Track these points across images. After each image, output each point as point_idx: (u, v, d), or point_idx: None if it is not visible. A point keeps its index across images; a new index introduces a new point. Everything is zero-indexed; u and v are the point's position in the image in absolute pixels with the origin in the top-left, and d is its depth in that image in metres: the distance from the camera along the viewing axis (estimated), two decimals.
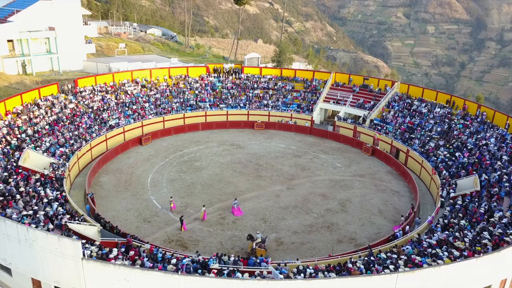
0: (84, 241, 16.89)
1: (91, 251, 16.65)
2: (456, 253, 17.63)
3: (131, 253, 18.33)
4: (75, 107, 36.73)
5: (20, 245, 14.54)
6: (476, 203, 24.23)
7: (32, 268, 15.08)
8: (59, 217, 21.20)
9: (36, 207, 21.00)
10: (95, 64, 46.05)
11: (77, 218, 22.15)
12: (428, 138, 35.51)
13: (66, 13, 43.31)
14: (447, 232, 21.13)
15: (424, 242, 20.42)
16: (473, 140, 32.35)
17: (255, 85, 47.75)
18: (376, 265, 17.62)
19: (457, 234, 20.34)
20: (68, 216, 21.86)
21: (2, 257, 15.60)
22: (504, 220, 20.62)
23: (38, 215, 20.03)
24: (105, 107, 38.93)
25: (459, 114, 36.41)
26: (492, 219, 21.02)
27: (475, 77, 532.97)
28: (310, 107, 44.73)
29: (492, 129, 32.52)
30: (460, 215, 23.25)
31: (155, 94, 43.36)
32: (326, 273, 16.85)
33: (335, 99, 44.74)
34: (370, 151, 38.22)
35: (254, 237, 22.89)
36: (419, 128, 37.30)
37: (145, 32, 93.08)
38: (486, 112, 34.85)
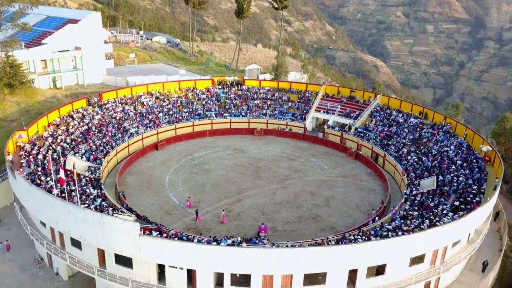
0: None
1: None
2: (400, 233, 24.49)
3: (164, 235, 25.12)
4: (101, 118, 43.54)
5: (94, 226, 21.35)
6: (430, 199, 31.14)
7: (100, 241, 21.91)
8: (104, 210, 27.98)
9: (87, 202, 27.81)
10: (114, 78, 52.81)
11: (116, 211, 28.91)
12: (402, 145, 42.37)
13: (90, 33, 50.05)
14: (402, 221, 28.01)
15: (384, 228, 27.25)
16: (437, 147, 39.23)
17: (255, 96, 54.58)
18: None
19: (407, 221, 27.23)
20: (111, 208, 28.66)
21: (79, 234, 22.41)
22: (445, 212, 27.52)
23: (91, 208, 26.83)
24: (125, 117, 45.72)
25: (429, 124, 43.29)
26: (436, 211, 27.92)
27: (473, 76, 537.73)
28: (303, 116, 51.56)
29: (453, 138, 39.42)
30: (416, 208, 30.14)
31: (167, 105, 50.15)
32: None
33: (325, 109, 51.57)
34: (354, 155, 45.08)
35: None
36: (395, 136, 44.15)
37: (151, 40, 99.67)
38: (451, 123, 41.71)
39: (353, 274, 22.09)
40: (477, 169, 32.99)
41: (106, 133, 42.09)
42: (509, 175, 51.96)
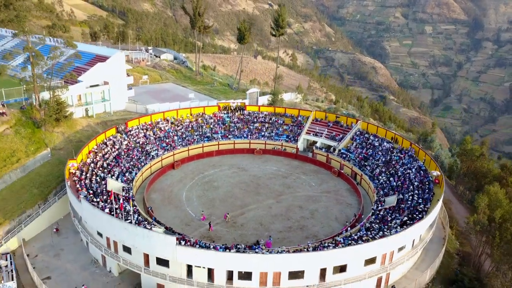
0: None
1: None
2: (360, 242, 34.18)
3: (188, 243, 34.79)
4: (128, 143, 53.25)
5: (143, 238, 31.10)
6: (390, 214, 40.86)
7: (146, 249, 31.65)
8: (141, 223, 37.65)
9: (129, 218, 37.47)
10: (135, 105, 62.51)
11: (149, 224, 38.57)
12: (375, 166, 52.09)
13: (115, 69, 59.70)
14: (365, 232, 37.71)
15: (351, 237, 36.93)
16: (402, 169, 48.95)
17: (255, 120, 64.31)
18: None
19: (369, 232, 36.96)
20: (146, 222, 38.36)
21: (131, 243, 32.16)
22: (396, 225, 37.24)
23: (131, 222, 36.51)
24: (147, 142, 55.43)
25: (398, 149, 53.01)
26: (390, 224, 37.66)
27: (471, 77, 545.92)
28: (296, 138, 61.27)
29: (415, 162, 49.14)
30: (378, 221, 39.87)
31: (181, 129, 59.87)
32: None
33: (314, 132, 61.28)
34: (337, 173, 54.80)
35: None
36: (371, 158, 53.86)
37: (159, 57, 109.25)
38: (415, 149, 51.39)
39: (323, 271, 31.83)
40: (427, 190, 42.72)
41: (133, 156, 51.79)
42: (469, 187, 61.94)
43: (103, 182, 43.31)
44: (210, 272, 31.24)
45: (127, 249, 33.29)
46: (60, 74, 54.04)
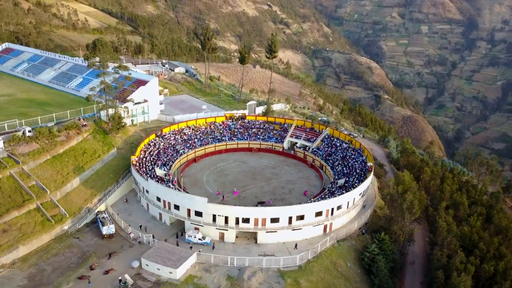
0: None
1: None
2: (312, 201, 59.12)
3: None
4: (164, 144, 78.20)
5: (188, 200, 56.07)
6: (337, 190, 65.86)
7: (189, 206, 56.62)
8: None
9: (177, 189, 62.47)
10: (165, 116, 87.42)
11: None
12: (335, 160, 77.04)
13: (152, 90, 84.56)
14: (321, 200, 62.69)
15: (311, 201, 61.80)
16: (352, 161, 73.96)
17: (253, 126, 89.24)
18: None
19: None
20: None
21: (180, 203, 57.09)
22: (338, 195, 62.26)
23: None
24: (176, 143, 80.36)
25: (352, 148, 77.99)
26: (335, 195, 62.72)
27: (465, 76, 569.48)
28: (282, 140, 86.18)
29: (361, 157, 74.15)
30: (329, 194, 64.86)
31: (199, 134, 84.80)
32: None
33: (296, 135, 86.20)
34: (310, 165, 79.76)
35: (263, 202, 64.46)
36: (333, 154, 78.82)
37: (173, 71, 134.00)
38: (363, 148, 76.30)
39: (290, 218, 56.80)
40: (363, 175, 67.71)
41: (168, 153, 76.76)
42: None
43: (153, 170, 68.32)
44: (226, 219, 56.14)
45: (176, 207, 58.20)
46: (114, 95, 78.80)
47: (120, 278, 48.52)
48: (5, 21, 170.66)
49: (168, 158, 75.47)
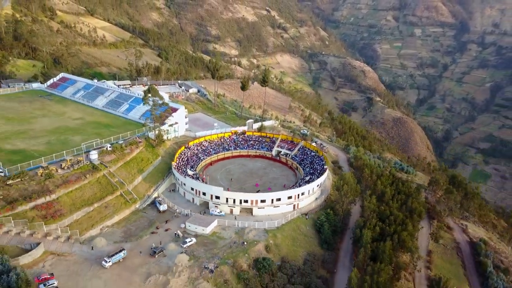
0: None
1: None
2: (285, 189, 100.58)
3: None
4: (190, 153, 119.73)
5: (211, 188, 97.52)
6: (305, 183, 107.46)
7: (213, 193, 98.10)
8: None
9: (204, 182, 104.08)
10: (189, 132, 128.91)
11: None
12: (306, 163, 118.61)
13: (181, 114, 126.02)
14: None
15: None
16: (316, 164, 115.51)
17: (250, 139, 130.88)
18: None
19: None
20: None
21: (207, 191, 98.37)
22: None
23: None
24: (199, 152, 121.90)
25: (317, 155, 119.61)
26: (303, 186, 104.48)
27: (455, 78, 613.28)
28: (271, 149, 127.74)
29: (321, 161, 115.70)
30: (299, 184, 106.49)
31: (213, 145, 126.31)
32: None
33: (281, 146, 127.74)
34: (289, 167, 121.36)
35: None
36: (304, 159, 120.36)
37: (188, 91, 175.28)
38: (324, 156, 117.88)
39: (272, 200, 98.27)
40: (322, 173, 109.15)
41: (194, 160, 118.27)
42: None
43: (185, 170, 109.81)
44: (234, 200, 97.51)
45: (203, 194, 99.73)
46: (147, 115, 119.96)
47: (175, 232, 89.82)
48: (47, 46, 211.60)
49: (194, 162, 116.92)
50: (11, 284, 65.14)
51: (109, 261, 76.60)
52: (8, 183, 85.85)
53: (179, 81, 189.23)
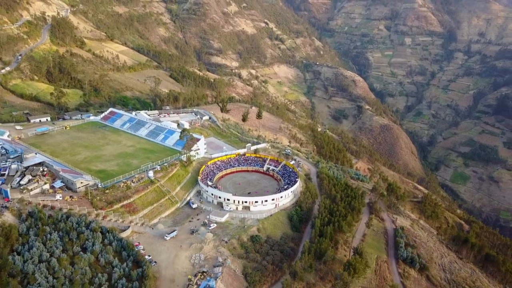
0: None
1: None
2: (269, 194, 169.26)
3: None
4: (209, 170, 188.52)
5: (225, 194, 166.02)
6: (284, 190, 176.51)
7: (225, 196, 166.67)
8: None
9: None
10: (208, 155, 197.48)
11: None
12: (286, 176, 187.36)
13: (201, 142, 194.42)
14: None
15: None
16: (291, 178, 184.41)
17: (249, 159, 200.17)
18: None
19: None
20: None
21: (222, 195, 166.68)
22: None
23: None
24: (215, 168, 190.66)
25: (291, 170, 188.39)
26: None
27: (442, 85, 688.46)
28: (263, 166, 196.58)
29: (293, 174, 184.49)
30: (279, 191, 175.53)
31: (223, 164, 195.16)
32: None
33: (270, 164, 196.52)
34: (275, 179, 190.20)
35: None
36: (285, 173, 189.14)
37: (202, 119, 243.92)
38: (296, 171, 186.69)
39: (263, 201, 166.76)
40: (295, 182, 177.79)
41: (211, 174, 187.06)
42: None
43: (207, 182, 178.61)
44: (238, 201, 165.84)
45: (219, 197, 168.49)
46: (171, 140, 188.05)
47: (203, 221, 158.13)
48: (88, 78, 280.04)
49: (211, 176, 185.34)
50: (123, 244, 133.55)
51: (168, 236, 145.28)
52: (106, 191, 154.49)
53: (194, 109, 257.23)
